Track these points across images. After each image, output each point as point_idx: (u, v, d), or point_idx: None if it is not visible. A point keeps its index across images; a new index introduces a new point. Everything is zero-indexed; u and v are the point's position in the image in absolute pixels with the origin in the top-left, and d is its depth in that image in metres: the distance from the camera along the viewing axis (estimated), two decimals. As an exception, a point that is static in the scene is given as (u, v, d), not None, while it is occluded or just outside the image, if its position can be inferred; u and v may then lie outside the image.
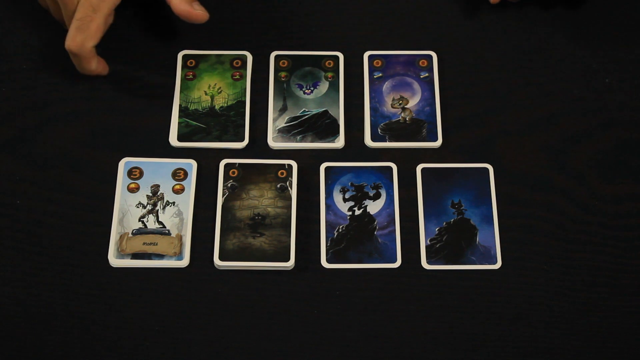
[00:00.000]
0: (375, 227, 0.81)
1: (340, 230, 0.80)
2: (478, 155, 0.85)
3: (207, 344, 0.76)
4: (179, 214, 0.80)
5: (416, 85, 0.88)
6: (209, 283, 0.78)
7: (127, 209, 0.80)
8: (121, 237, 0.79)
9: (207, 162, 0.83)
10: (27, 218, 0.80)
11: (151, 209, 0.80)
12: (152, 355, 0.76)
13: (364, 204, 0.82)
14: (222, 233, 0.79)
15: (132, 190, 0.81)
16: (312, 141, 0.84)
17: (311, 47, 0.89)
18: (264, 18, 0.91)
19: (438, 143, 0.85)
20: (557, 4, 0.92)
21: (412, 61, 0.89)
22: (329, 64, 0.88)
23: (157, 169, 0.82)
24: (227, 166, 0.82)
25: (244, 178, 0.82)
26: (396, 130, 0.85)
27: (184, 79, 0.87)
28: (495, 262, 0.79)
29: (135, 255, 0.78)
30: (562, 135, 0.86)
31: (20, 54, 0.88)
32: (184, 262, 0.79)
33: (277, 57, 0.88)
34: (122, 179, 0.82)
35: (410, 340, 0.77)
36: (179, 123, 0.85)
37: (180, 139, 0.84)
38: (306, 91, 0.87)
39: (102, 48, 0.89)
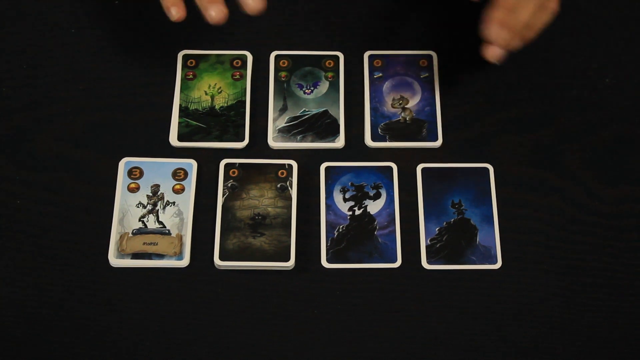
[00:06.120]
0: (376, 227, 0.81)
1: (340, 230, 0.80)
2: (478, 155, 0.85)
3: (207, 344, 0.76)
4: (179, 214, 0.80)
5: (416, 85, 0.88)
6: (209, 283, 0.78)
7: (127, 208, 0.80)
8: (121, 237, 0.79)
9: (207, 162, 0.83)
10: (27, 218, 0.80)
11: (151, 209, 0.80)
12: (152, 355, 0.76)
13: (364, 204, 0.82)
14: (222, 233, 0.79)
15: (132, 190, 0.81)
16: (312, 141, 0.84)
17: (311, 47, 0.89)
18: (264, 18, 0.91)
19: (438, 143, 0.85)
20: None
21: (412, 61, 0.89)
22: (329, 64, 0.88)
23: (157, 169, 0.82)
24: (227, 166, 0.82)
25: (244, 178, 0.82)
26: (396, 130, 0.85)
27: (184, 79, 0.87)
28: (495, 262, 0.80)
29: (136, 255, 0.78)
30: (562, 135, 0.86)
31: (20, 54, 0.88)
32: (184, 262, 0.79)
33: (277, 57, 0.88)
34: (122, 179, 0.82)
35: (410, 340, 0.77)
36: (179, 123, 0.85)
37: (180, 138, 0.84)
38: (306, 91, 0.87)
39: (103, 47, 0.89)
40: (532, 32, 0.79)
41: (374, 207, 0.82)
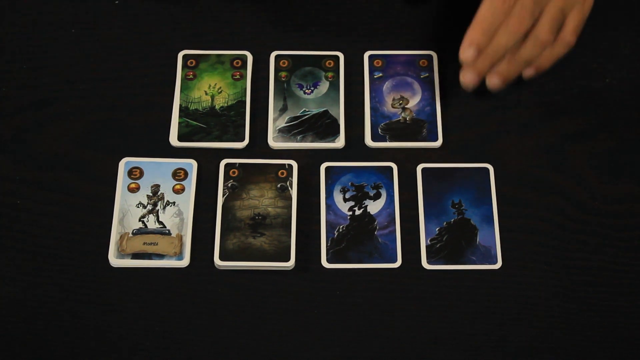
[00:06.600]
0: (376, 227, 0.81)
1: (340, 230, 0.80)
2: (478, 155, 0.85)
3: (207, 344, 0.76)
4: (179, 214, 0.80)
5: (416, 85, 0.88)
6: (209, 283, 0.78)
7: (127, 208, 0.80)
8: (121, 237, 0.79)
9: (207, 162, 0.83)
10: (27, 218, 0.80)
11: (151, 209, 0.80)
12: (152, 355, 0.76)
13: (364, 204, 0.82)
14: (222, 233, 0.79)
15: (133, 190, 0.81)
16: (312, 141, 0.84)
17: (311, 47, 0.89)
18: (264, 18, 0.91)
19: (438, 143, 0.85)
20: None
21: (412, 61, 0.89)
22: (329, 64, 0.88)
23: (158, 169, 0.82)
24: (228, 166, 0.82)
25: (244, 178, 0.82)
26: (396, 130, 0.85)
27: (184, 79, 0.87)
28: (495, 262, 0.80)
29: (136, 255, 0.78)
30: (562, 135, 0.86)
31: (20, 54, 0.88)
32: (184, 262, 0.79)
33: (277, 57, 0.88)
34: (122, 179, 0.82)
35: (410, 340, 0.77)
36: (179, 123, 0.85)
37: (180, 139, 0.84)
38: (306, 91, 0.87)
39: (103, 47, 0.89)
40: (533, 69, 0.78)
41: (374, 207, 0.82)
